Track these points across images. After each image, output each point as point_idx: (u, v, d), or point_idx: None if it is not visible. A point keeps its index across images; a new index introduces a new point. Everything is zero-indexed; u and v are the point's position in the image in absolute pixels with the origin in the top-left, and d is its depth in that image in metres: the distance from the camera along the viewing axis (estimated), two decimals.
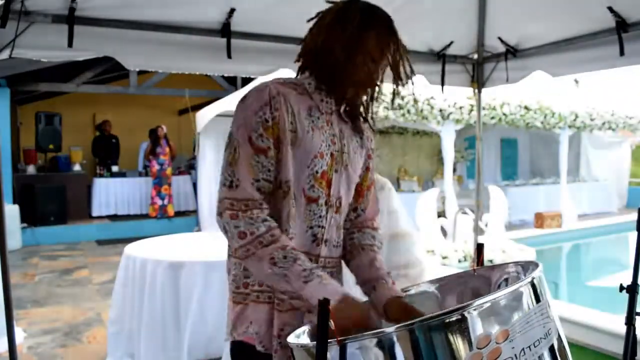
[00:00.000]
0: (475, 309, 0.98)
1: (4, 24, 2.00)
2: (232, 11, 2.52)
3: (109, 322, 3.44)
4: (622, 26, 2.49)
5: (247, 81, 8.72)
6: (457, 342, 0.97)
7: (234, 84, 9.92)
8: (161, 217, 9.27)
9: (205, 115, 7.90)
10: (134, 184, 9.97)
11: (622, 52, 2.53)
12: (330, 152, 1.33)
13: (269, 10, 2.56)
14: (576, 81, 11.50)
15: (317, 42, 1.34)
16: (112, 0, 2.27)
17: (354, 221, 1.49)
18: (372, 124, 1.45)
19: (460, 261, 6.12)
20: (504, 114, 8.66)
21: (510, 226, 8.84)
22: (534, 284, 1.07)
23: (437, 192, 7.13)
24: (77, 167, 9.60)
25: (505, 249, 6.19)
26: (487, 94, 8.09)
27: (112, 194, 9.77)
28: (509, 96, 8.64)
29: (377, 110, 1.44)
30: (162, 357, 3.11)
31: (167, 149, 9.20)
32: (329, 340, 1.01)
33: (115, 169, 10.06)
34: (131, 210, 9.89)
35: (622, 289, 1.60)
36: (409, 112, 7.65)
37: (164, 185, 9.29)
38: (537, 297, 1.06)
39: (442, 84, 3.31)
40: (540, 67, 3.07)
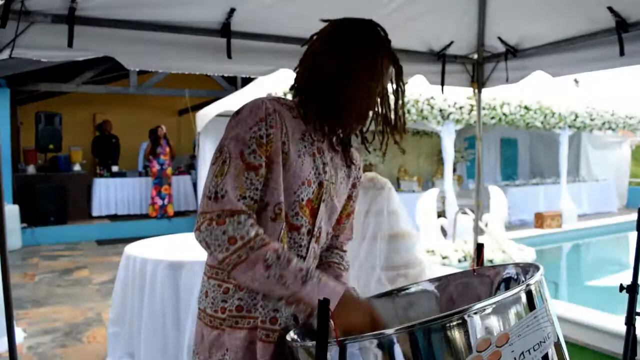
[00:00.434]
0: (475, 312, 0.98)
1: (4, 24, 2.00)
2: (232, 11, 2.52)
3: (109, 322, 3.44)
4: (622, 26, 2.49)
5: (247, 81, 8.73)
6: (457, 345, 0.97)
7: (234, 84, 9.92)
8: (161, 217, 9.27)
9: (205, 115, 7.92)
10: (134, 184, 9.97)
11: (622, 52, 2.53)
12: (319, 181, 1.27)
13: (269, 10, 2.56)
14: (576, 81, 11.51)
15: (309, 73, 1.30)
16: (112, 0, 2.27)
17: (326, 245, 1.46)
18: (367, 146, 1.37)
19: (460, 261, 6.12)
20: (504, 114, 8.66)
21: (510, 226, 8.85)
22: (535, 287, 1.07)
23: (437, 192, 7.13)
24: (77, 167, 9.59)
25: (505, 249, 6.20)
26: (487, 94, 8.12)
27: (112, 194, 9.77)
28: (509, 96, 8.64)
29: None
30: (162, 357, 3.11)
31: (167, 149, 9.20)
32: (329, 340, 1.01)
33: (115, 169, 10.07)
34: (131, 210, 9.90)
35: (622, 289, 1.60)
36: (409, 112, 7.66)
37: (164, 185, 9.29)
38: (538, 301, 1.06)
39: (442, 84, 3.31)
40: (540, 67, 3.07)
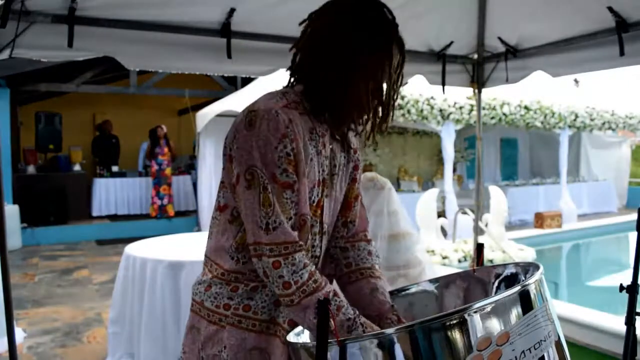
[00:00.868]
0: (475, 311, 0.98)
1: (4, 24, 2.00)
2: (232, 11, 2.52)
3: (109, 322, 3.44)
4: (622, 26, 2.49)
5: (247, 81, 8.73)
6: (458, 344, 0.97)
7: (234, 84, 9.92)
8: (161, 217, 9.27)
9: (205, 115, 7.92)
10: (134, 184, 9.97)
11: (622, 52, 2.53)
12: (322, 178, 1.25)
13: (269, 10, 2.56)
14: (576, 81, 11.52)
15: (311, 60, 1.23)
16: (112, 0, 2.27)
17: (346, 236, 1.40)
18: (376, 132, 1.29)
19: (460, 261, 6.12)
20: (504, 114, 8.67)
21: (510, 226, 8.85)
22: (535, 286, 1.07)
23: (437, 192, 7.12)
24: (77, 167, 9.59)
25: (505, 249, 6.20)
26: (487, 94, 8.13)
27: (112, 194, 9.77)
28: (509, 96, 8.64)
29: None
30: (162, 357, 3.11)
31: (166, 149, 9.19)
32: (329, 340, 1.01)
33: (115, 169, 10.06)
34: (131, 210, 9.89)
35: (622, 289, 1.60)
36: (409, 112, 7.66)
37: (163, 185, 9.28)
38: (538, 300, 1.06)
39: (442, 84, 3.32)
40: (540, 67, 3.07)
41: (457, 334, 0.97)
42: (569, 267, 7.85)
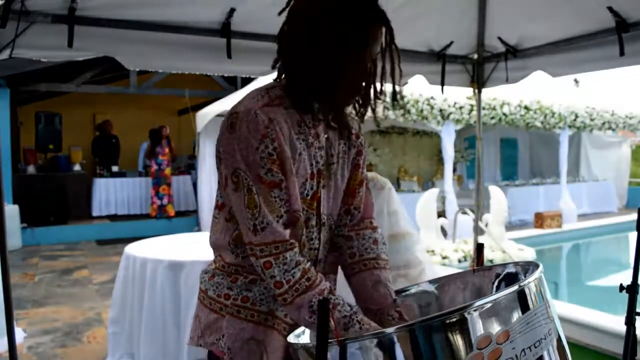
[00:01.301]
0: (475, 310, 0.98)
1: (4, 24, 2.00)
2: (232, 11, 2.52)
3: (109, 322, 3.44)
4: (622, 26, 2.49)
5: (247, 81, 8.73)
6: (458, 343, 0.97)
7: (234, 84, 9.92)
8: (160, 217, 9.27)
9: (205, 115, 7.92)
10: (134, 184, 9.97)
11: (622, 52, 2.53)
12: (317, 169, 1.23)
13: (269, 10, 2.55)
14: (576, 81, 11.51)
15: (292, 42, 1.20)
16: (112, 0, 2.27)
17: (350, 224, 1.37)
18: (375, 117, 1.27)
19: (460, 261, 6.12)
20: (504, 114, 8.67)
21: (510, 226, 8.85)
22: (535, 284, 1.07)
23: (437, 192, 7.12)
24: (77, 167, 9.60)
25: (505, 249, 6.20)
26: (487, 94, 8.13)
27: (112, 194, 9.77)
28: (509, 96, 8.64)
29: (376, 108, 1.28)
30: (162, 357, 3.11)
31: (167, 149, 9.20)
32: (329, 340, 1.01)
33: (115, 169, 10.07)
34: (131, 210, 9.89)
35: (622, 289, 1.60)
36: (409, 112, 7.66)
37: (162, 185, 9.28)
38: (538, 298, 1.06)
39: (442, 84, 3.31)
40: (540, 67, 3.07)
41: (457, 333, 0.97)
42: (569, 267, 7.85)
